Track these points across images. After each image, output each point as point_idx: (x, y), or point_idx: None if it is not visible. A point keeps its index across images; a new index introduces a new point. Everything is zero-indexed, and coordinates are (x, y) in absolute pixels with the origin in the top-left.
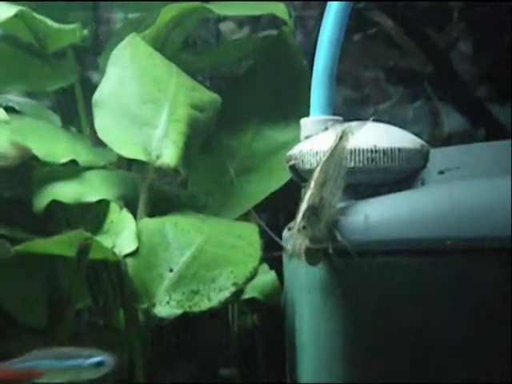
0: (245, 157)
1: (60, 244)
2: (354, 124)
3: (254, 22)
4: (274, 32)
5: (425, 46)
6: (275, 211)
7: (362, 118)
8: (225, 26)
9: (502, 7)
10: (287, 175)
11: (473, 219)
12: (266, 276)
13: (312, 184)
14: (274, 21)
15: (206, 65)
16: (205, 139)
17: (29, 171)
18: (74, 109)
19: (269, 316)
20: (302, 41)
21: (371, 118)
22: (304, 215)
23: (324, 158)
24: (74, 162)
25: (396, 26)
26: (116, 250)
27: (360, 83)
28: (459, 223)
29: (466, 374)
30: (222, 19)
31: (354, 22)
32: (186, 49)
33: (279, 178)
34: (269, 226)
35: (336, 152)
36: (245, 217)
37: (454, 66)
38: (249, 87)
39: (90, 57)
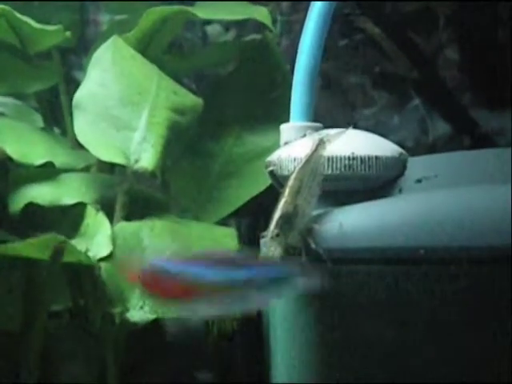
0: (226, 161)
1: (34, 247)
2: (332, 132)
3: (241, 25)
4: (260, 36)
5: (410, 53)
6: (257, 216)
7: (347, 124)
8: (211, 29)
9: (488, 13)
10: (268, 180)
11: (448, 228)
12: None
13: (286, 192)
14: (260, 25)
15: (191, 67)
16: (187, 143)
17: (5, 173)
18: (58, 110)
19: (248, 321)
20: (288, 45)
21: (350, 127)
22: (277, 223)
23: (299, 166)
24: (51, 164)
25: (382, 32)
26: (90, 254)
27: (345, 89)
28: (434, 232)
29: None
30: (208, 22)
31: (340, 28)
32: (172, 51)
33: (260, 183)
34: (250, 231)
35: (312, 160)
36: (225, 221)
37: (440, 73)
38: (231, 91)
39: (77, 58)
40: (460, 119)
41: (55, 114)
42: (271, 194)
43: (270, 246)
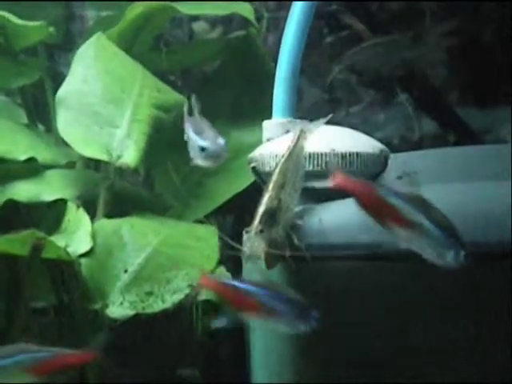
0: None
1: (13, 243)
2: (311, 124)
3: (227, 22)
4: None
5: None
6: (241, 212)
7: (333, 121)
8: (198, 26)
9: (473, 10)
10: (252, 177)
11: None
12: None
13: (270, 187)
14: (246, 22)
15: (177, 64)
16: (171, 139)
17: None
18: (44, 106)
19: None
20: (274, 42)
21: (327, 117)
22: (261, 218)
23: (282, 160)
24: (35, 160)
25: (367, 29)
26: (70, 250)
27: (332, 86)
28: None
29: (416, 375)
30: (194, 19)
31: (326, 25)
32: (158, 48)
33: (244, 180)
34: (235, 227)
35: (294, 153)
36: (208, 218)
37: (425, 70)
38: (216, 88)
39: (65, 54)
40: (446, 117)
41: (41, 110)
42: (255, 190)
43: (253, 241)
